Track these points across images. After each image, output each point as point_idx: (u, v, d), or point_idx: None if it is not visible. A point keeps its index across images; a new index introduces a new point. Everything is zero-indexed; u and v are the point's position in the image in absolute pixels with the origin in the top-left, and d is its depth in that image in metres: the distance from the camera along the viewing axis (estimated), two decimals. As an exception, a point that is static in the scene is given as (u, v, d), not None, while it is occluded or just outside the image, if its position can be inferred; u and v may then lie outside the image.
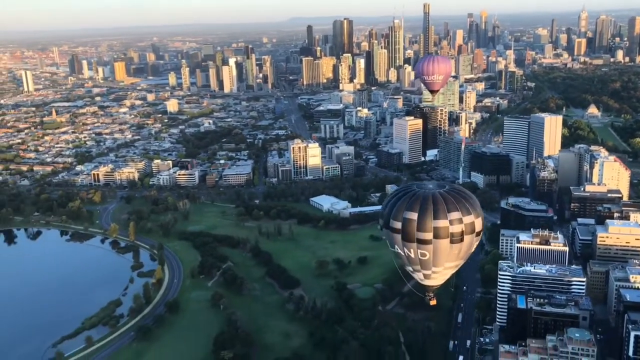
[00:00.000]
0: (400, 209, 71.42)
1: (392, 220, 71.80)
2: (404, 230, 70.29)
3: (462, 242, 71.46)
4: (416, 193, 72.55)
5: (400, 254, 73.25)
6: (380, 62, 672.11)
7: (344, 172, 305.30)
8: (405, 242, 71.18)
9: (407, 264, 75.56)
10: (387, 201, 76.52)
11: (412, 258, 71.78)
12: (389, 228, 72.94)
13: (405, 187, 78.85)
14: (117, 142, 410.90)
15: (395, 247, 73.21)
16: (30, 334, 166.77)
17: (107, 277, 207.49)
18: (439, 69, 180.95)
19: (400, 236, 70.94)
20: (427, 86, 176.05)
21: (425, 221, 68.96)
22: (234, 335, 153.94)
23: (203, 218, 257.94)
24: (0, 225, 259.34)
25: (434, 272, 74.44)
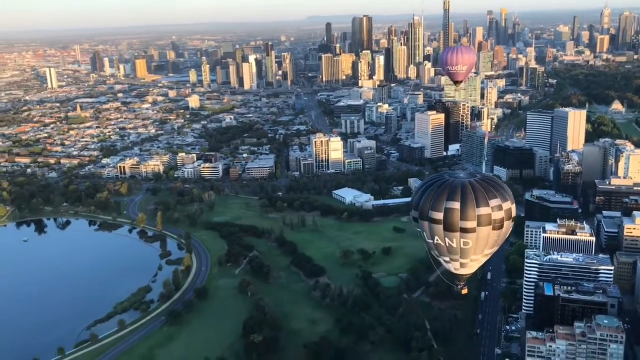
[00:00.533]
0: (440, 199, 71.16)
1: (432, 211, 71.22)
2: (446, 220, 70.26)
3: (501, 229, 72.22)
4: (453, 182, 72.62)
5: (440, 245, 73.06)
6: (400, 58, 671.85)
7: (366, 166, 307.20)
8: (447, 232, 71.37)
9: (446, 254, 75.26)
10: (420, 193, 75.25)
11: (454, 247, 71.97)
12: (429, 219, 72.25)
13: (436, 177, 77.86)
14: (141, 136, 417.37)
15: (435, 238, 72.76)
16: (64, 317, 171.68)
17: (136, 265, 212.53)
18: (463, 59, 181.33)
19: (442, 226, 70.83)
20: (450, 77, 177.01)
21: (468, 210, 69.34)
22: (262, 320, 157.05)
23: (228, 209, 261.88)
24: (31, 215, 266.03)
25: (471, 260, 74.90)
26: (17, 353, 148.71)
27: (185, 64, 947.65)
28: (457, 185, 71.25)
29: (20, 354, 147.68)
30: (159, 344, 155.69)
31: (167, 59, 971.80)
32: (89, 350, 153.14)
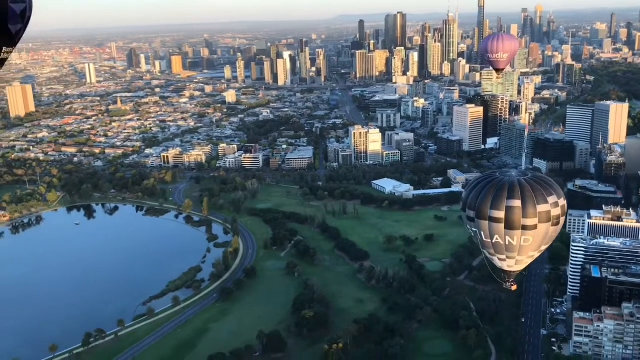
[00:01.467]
0: (500, 198, 72.01)
1: (492, 210, 71.90)
2: (507, 218, 70.98)
3: (558, 225, 73.68)
4: (510, 181, 73.46)
5: (499, 243, 73.99)
6: (434, 55, 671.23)
7: (404, 158, 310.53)
8: (508, 230, 72.27)
9: (503, 252, 76.09)
10: (475, 192, 74.92)
11: (514, 245, 73.14)
12: (489, 218, 72.82)
13: (487, 176, 78.23)
14: (181, 128, 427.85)
15: (494, 237, 73.55)
16: (120, 294, 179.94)
17: (185, 247, 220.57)
18: (504, 46, 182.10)
19: (503, 225, 71.80)
20: (491, 64, 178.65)
21: (529, 207, 70.46)
22: (311, 298, 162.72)
23: (270, 197, 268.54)
24: (81, 201, 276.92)
25: (527, 257, 76.23)
26: (81, 324, 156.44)
27: (219, 61, 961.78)
28: (515, 183, 72.77)
29: (83, 324, 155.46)
30: (212, 319, 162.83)
31: (201, 56, 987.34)
32: (147, 324, 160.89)
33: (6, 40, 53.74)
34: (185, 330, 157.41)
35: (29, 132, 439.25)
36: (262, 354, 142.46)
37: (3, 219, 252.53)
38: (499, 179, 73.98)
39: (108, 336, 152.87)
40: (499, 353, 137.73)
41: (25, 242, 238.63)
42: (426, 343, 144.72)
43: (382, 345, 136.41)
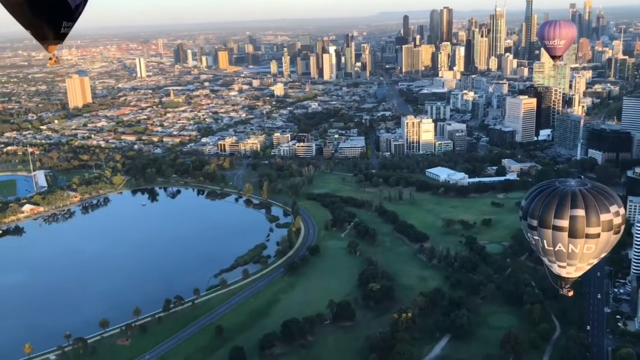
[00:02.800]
0: (564, 208, 73.27)
1: (556, 219, 73.28)
2: (572, 227, 72.20)
3: (619, 233, 74.46)
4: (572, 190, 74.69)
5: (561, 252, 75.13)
6: (481, 50, 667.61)
7: (457, 148, 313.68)
8: (571, 239, 73.30)
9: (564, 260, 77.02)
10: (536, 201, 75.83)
11: (576, 253, 74.18)
12: (554, 227, 74.27)
13: (546, 185, 78.83)
14: (234, 119, 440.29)
15: (558, 245, 74.94)
16: (192, 268, 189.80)
17: (249, 227, 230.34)
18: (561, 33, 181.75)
19: (566, 234, 73.06)
20: (548, 51, 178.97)
21: (592, 216, 71.52)
22: (375, 273, 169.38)
23: (325, 183, 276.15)
24: (145, 184, 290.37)
25: (587, 264, 77.30)
26: (159, 292, 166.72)
27: (263, 57, 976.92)
28: (577, 193, 73.96)
29: (161, 293, 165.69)
30: (281, 290, 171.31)
31: (245, 52, 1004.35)
32: (220, 293, 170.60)
33: (66, 15, 54.00)
34: (257, 300, 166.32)
35: (88, 121, 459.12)
36: (332, 322, 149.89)
37: (74, 199, 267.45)
38: (561, 189, 75.18)
39: (186, 303, 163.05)
40: (563, 327, 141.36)
41: (97, 220, 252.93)
42: (490, 317, 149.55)
43: (449, 316, 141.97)
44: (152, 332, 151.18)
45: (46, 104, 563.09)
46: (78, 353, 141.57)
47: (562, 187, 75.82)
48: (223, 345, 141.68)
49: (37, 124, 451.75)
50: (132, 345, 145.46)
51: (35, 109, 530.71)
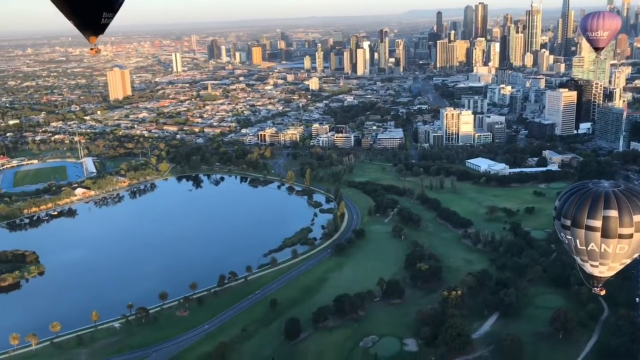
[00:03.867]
0: (597, 209, 74.66)
1: (589, 219, 74.82)
2: (604, 227, 73.53)
3: None
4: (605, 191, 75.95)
5: (594, 251, 76.79)
6: (516, 46, 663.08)
7: (496, 140, 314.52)
8: (604, 239, 74.75)
9: (596, 260, 78.69)
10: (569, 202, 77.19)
11: (609, 253, 75.58)
12: (587, 227, 75.84)
13: (579, 186, 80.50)
14: (271, 112, 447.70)
15: (590, 244, 76.66)
16: (242, 248, 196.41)
17: (293, 212, 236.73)
18: (605, 24, 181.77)
19: (599, 234, 74.58)
20: (590, 43, 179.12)
21: (625, 217, 72.89)
22: (422, 255, 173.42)
23: (365, 172, 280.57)
24: (190, 171, 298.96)
25: (620, 264, 78.20)
26: (213, 270, 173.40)
27: (296, 53, 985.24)
28: (610, 194, 75.01)
29: (215, 270, 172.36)
30: (330, 270, 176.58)
31: (278, 48, 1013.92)
32: (271, 271, 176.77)
33: (106, 6, 54.93)
34: (307, 277, 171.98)
35: (130, 112, 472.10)
36: (382, 299, 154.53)
37: (123, 184, 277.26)
38: (594, 190, 76.57)
39: (239, 279, 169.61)
40: (612, 308, 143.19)
41: (147, 204, 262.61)
42: (537, 297, 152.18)
43: (498, 295, 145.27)
44: (208, 305, 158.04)
45: (87, 96, 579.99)
46: (140, 322, 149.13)
47: (595, 188, 77.20)
48: (277, 318, 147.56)
49: (81, 115, 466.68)
50: (190, 316, 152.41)
51: (78, 100, 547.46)
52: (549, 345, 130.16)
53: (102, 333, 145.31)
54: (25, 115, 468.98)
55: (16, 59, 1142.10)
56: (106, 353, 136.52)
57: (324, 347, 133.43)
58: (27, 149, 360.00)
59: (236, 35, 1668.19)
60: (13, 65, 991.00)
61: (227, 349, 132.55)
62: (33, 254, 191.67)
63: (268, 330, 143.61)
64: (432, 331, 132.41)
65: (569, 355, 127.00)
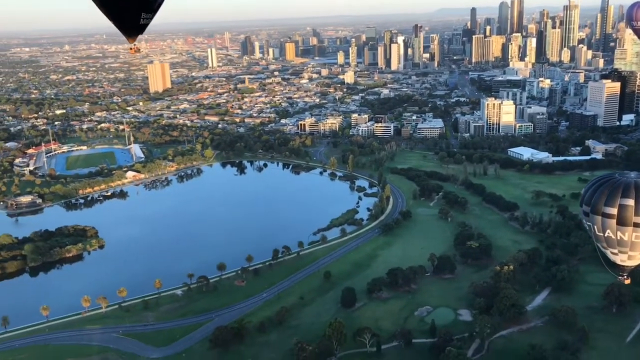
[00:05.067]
0: (615, 197, 76.29)
1: (606, 207, 76.79)
2: (620, 215, 75.18)
3: None
4: (626, 181, 77.83)
5: (610, 238, 78.59)
6: (553, 41, 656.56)
7: (537, 131, 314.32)
8: (620, 227, 76.48)
9: (615, 247, 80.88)
10: (592, 190, 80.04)
11: (625, 240, 77.47)
12: (603, 214, 77.87)
13: (606, 176, 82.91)
14: (308, 104, 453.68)
15: (607, 231, 78.51)
16: (291, 227, 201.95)
17: (338, 195, 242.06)
18: None
19: (615, 221, 76.30)
20: (636, 33, 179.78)
21: None
22: (471, 234, 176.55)
23: (406, 160, 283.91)
24: (234, 158, 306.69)
25: None
26: (264, 245, 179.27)
27: (328, 49, 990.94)
28: (631, 184, 76.57)
29: (266, 246, 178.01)
30: (379, 247, 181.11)
31: (310, 45, 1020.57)
32: (321, 247, 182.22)
33: (145, 7, 56.20)
34: (357, 254, 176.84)
35: (171, 104, 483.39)
36: (433, 274, 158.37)
37: (171, 168, 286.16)
38: (617, 180, 79.02)
39: (292, 254, 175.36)
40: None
41: (195, 187, 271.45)
42: (589, 275, 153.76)
43: (550, 271, 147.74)
44: (264, 276, 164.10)
45: (127, 89, 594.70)
46: (201, 290, 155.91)
47: (619, 178, 79.85)
48: (332, 289, 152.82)
49: (124, 105, 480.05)
50: (248, 286, 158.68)
51: (119, 93, 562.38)
52: (602, 318, 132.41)
53: (165, 299, 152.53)
54: (71, 105, 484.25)
55: (55, 55, 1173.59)
56: (172, 316, 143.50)
57: (379, 314, 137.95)
58: (75, 136, 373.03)
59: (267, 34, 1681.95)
60: (53, 61, 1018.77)
61: (287, 314, 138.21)
62: (93, 229, 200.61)
63: (324, 299, 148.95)
64: (485, 302, 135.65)
65: (623, 327, 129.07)
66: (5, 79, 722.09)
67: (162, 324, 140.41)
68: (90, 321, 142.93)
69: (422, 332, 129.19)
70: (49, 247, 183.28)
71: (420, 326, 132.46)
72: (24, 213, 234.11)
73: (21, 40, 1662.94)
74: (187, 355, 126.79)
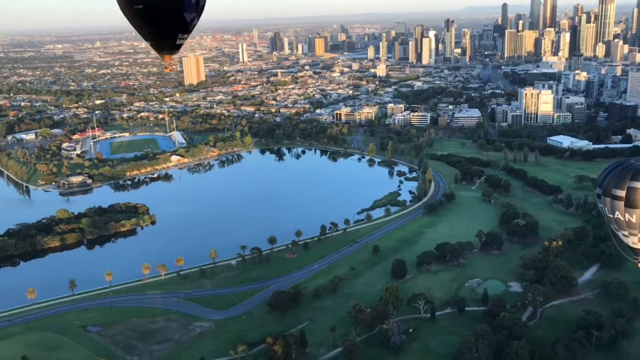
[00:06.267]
0: (624, 180, 76.59)
1: (615, 189, 77.02)
2: (628, 197, 75.35)
3: None
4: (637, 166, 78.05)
5: (620, 220, 78.84)
6: (587, 36, 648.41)
7: (575, 121, 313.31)
8: (627, 209, 76.50)
9: (625, 229, 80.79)
10: (605, 173, 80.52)
11: (633, 223, 77.60)
12: (612, 196, 78.36)
13: (622, 161, 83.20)
14: (342, 95, 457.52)
15: (615, 213, 78.97)
16: (336, 207, 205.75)
17: (378, 179, 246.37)
18: None
19: (623, 203, 76.43)
20: None
21: None
22: (516, 214, 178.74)
23: (445, 147, 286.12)
24: (273, 144, 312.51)
25: None
26: (311, 223, 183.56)
27: (357, 45, 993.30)
28: None
29: (313, 223, 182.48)
30: (425, 226, 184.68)
31: (339, 41, 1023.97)
32: (366, 225, 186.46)
33: (181, 27, 56.69)
34: (403, 231, 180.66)
35: (206, 95, 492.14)
36: (480, 249, 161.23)
37: (212, 154, 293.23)
38: (630, 164, 79.25)
39: (339, 230, 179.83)
40: None
41: (238, 171, 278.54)
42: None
43: (598, 247, 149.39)
44: (313, 250, 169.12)
45: (162, 81, 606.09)
46: (254, 261, 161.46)
47: (634, 163, 78.95)
48: (381, 262, 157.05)
49: (161, 96, 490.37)
50: (299, 258, 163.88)
51: (154, 85, 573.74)
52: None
53: (221, 268, 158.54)
54: (109, 96, 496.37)
55: (87, 51, 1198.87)
56: (228, 284, 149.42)
57: (430, 285, 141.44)
58: (116, 124, 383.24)
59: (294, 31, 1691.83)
60: (86, 56, 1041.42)
61: (340, 283, 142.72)
62: (144, 206, 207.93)
63: (374, 270, 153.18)
64: (536, 275, 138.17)
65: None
66: (43, 73, 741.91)
67: (220, 290, 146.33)
68: (151, 287, 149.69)
69: (474, 301, 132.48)
70: (104, 222, 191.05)
71: (471, 295, 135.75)
72: (75, 193, 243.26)
73: (53, 37, 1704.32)
74: (247, 317, 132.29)
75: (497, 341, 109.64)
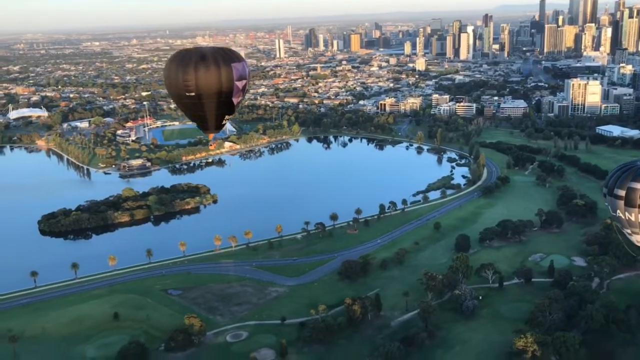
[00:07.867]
0: (626, 180, 78.99)
1: (617, 189, 79.30)
2: (627, 197, 77.54)
3: None
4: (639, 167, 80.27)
5: (621, 218, 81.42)
6: (630, 31, 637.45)
7: (623, 112, 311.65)
8: (627, 208, 78.59)
9: (627, 227, 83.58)
10: (612, 173, 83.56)
11: (633, 221, 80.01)
12: (613, 195, 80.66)
13: (630, 163, 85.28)
14: (383, 88, 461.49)
15: (617, 211, 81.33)
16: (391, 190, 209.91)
17: (429, 165, 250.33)
18: None
19: (623, 202, 78.57)
20: None
21: None
22: (574, 194, 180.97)
23: (493, 136, 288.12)
24: (320, 133, 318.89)
25: None
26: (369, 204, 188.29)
27: (392, 41, 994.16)
28: None
29: (371, 204, 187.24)
30: (481, 207, 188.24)
31: (373, 37, 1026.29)
32: (424, 206, 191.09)
33: (228, 110, 60.48)
34: (460, 212, 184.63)
35: (249, 88, 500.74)
36: (540, 228, 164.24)
37: (262, 141, 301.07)
38: (634, 165, 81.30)
39: (397, 210, 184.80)
40: None
41: (289, 157, 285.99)
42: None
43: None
44: (374, 227, 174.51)
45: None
46: (318, 235, 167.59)
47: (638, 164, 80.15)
48: (443, 238, 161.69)
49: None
50: (360, 234, 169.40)
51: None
52: None
53: (287, 242, 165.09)
54: (154, 89, 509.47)
55: (124, 48, 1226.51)
56: (296, 255, 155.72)
57: (495, 258, 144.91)
58: (165, 114, 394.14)
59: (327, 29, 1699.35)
60: (124, 53, 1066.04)
61: (406, 254, 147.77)
62: (205, 187, 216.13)
63: (437, 245, 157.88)
64: (599, 250, 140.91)
65: None
66: (85, 68, 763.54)
67: (288, 260, 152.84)
68: (223, 257, 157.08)
69: (540, 273, 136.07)
70: (170, 199, 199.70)
71: (536, 268, 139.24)
72: (135, 175, 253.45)
73: (89, 35, 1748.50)
74: (319, 284, 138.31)
75: (569, 305, 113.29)
